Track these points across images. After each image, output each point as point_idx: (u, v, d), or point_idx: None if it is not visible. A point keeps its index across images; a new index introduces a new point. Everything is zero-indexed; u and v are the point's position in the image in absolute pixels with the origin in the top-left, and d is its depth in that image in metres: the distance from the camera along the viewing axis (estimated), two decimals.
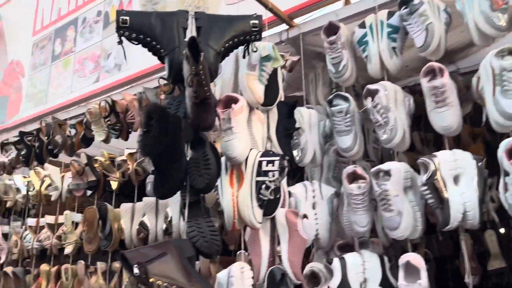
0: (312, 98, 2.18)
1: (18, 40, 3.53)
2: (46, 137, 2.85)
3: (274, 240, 1.66)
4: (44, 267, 2.65)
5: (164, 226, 2.21)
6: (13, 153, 3.06)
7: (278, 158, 1.49)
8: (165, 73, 2.36)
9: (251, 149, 1.53)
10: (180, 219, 2.16)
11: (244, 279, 1.44)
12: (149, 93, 2.37)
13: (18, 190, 2.99)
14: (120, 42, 1.38)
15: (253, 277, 1.47)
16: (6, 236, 3.01)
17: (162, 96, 2.35)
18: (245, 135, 1.52)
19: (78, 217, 2.67)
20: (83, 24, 2.98)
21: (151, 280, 1.01)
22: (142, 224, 2.24)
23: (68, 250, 2.61)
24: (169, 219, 2.18)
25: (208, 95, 1.28)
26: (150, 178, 2.59)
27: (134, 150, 2.49)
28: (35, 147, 2.91)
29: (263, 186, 1.48)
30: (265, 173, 1.49)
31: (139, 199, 2.38)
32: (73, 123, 2.81)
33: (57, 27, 3.18)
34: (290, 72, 2.08)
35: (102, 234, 2.39)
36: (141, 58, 2.55)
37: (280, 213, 1.61)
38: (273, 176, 1.48)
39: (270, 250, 1.63)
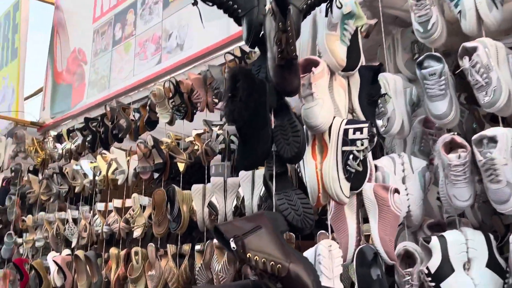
0: (391, 66, 2.00)
1: (79, 28, 3.57)
2: (110, 122, 2.87)
3: (359, 217, 1.53)
4: (113, 250, 2.66)
5: (234, 205, 2.13)
6: (79, 139, 3.10)
7: (366, 124, 1.34)
8: (230, 48, 2.31)
9: (334, 117, 1.40)
10: (253, 199, 2.08)
11: (333, 258, 1.31)
12: (214, 71, 2.29)
13: (85, 175, 3.02)
14: (195, 3, 1.28)
15: (342, 256, 1.34)
16: (76, 221, 3.07)
17: (227, 76, 2.26)
18: (327, 101, 1.39)
19: (145, 200, 2.65)
20: (143, 6, 2.94)
21: (247, 255, 0.90)
22: (211, 205, 2.18)
23: (136, 233, 2.60)
24: (241, 199, 2.10)
25: (294, 55, 1.16)
26: (214, 161, 2.52)
27: (201, 131, 2.42)
28: (100, 133, 2.93)
29: (351, 156, 1.34)
30: (352, 142, 1.35)
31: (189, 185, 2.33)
32: (137, 107, 2.80)
33: (117, 12, 3.17)
34: (366, 38, 1.92)
35: (171, 216, 2.35)
36: (203, 36, 2.49)
37: (367, 188, 1.47)
38: (362, 144, 1.34)
39: (357, 228, 1.50)
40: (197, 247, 2.25)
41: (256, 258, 0.92)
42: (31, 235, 3.34)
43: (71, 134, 3.23)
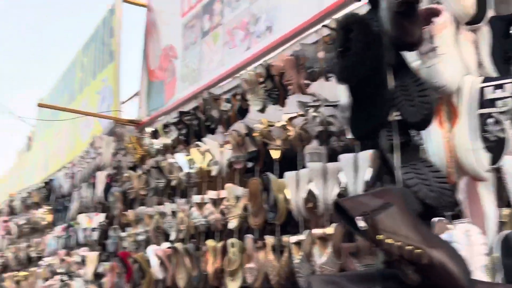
0: None
1: (169, 25, 3.63)
2: (203, 114, 2.85)
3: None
4: (210, 243, 2.61)
5: (336, 193, 1.94)
6: (173, 133, 3.13)
7: (510, 80, 1.09)
8: (326, 21, 2.13)
9: (464, 75, 1.16)
10: (357, 184, 1.88)
11: (472, 245, 1.08)
12: (307, 49, 2.13)
13: (181, 168, 3.03)
14: None
15: (485, 243, 1.10)
16: (174, 215, 3.09)
17: (321, 54, 2.08)
18: (454, 56, 1.15)
19: (239, 190, 2.57)
20: None
21: (379, 237, 0.72)
22: (310, 192, 2.01)
23: (232, 224, 2.52)
24: (342, 185, 1.91)
25: None
26: (308, 149, 2.35)
27: (294, 114, 2.27)
28: (194, 125, 2.93)
29: (490, 120, 1.10)
30: (492, 102, 1.10)
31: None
32: (228, 97, 2.74)
33: (204, 4, 3.15)
34: None
35: (267, 205, 2.23)
36: (293, 15, 2.34)
37: (509, 161, 1.20)
38: (504, 105, 1.09)
39: (496, 211, 1.23)
40: (293, 238, 2.10)
41: (390, 241, 0.73)
42: (133, 229, 3.44)
43: (166, 129, 3.28)
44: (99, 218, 3.85)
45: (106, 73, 4.22)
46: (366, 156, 1.85)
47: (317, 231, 1.91)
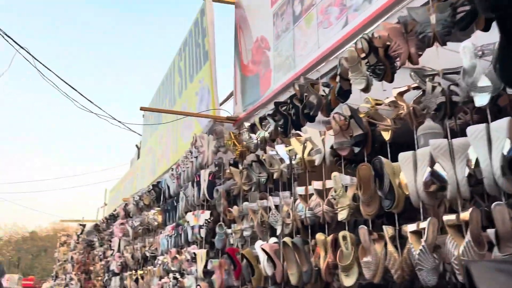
0: None
1: (258, 17, 3.56)
2: (300, 102, 2.71)
3: None
4: (319, 236, 2.46)
5: (467, 172, 1.67)
6: (271, 125, 3.04)
7: None
8: None
9: None
10: (492, 159, 1.59)
11: None
12: (416, 12, 1.88)
13: (282, 160, 2.92)
14: None
15: None
16: (278, 208, 2.99)
17: (434, 16, 1.81)
18: None
19: (346, 179, 2.37)
20: None
21: None
22: (434, 174, 1.76)
23: (341, 216, 2.34)
24: (473, 162, 1.63)
25: None
26: (423, 129, 2.09)
27: (404, 88, 2.03)
28: (291, 115, 2.80)
29: None
30: None
31: None
32: (326, 81, 2.57)
33: None
34: None
35: (381, 193, 2.02)
36: None
37: None
38: None
39: None
40: (412, 226, 1.86)
41: None
42: (238, 225, 3.41)
43: (263, 122, 3.20)
44: (205, 215, 3.90)
45: (202, 73, 4.29)
46: (502, 125, 1.56)
47: (450, 218, 1.66)
